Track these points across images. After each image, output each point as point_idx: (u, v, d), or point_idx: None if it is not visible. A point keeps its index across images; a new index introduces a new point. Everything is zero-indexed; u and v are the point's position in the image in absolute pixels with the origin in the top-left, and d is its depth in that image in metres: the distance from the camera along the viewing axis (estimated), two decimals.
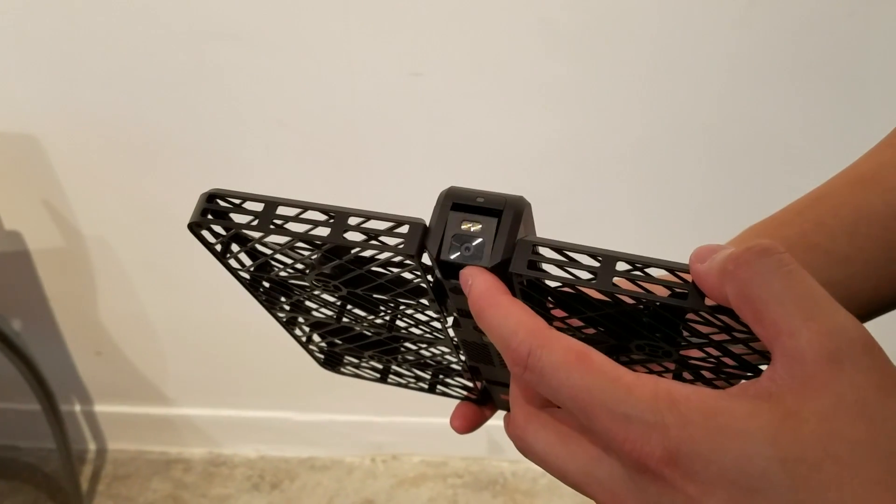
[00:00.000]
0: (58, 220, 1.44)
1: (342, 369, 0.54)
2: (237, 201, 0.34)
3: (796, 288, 0.27)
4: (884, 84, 1.18)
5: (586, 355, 0.28)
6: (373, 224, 0.33)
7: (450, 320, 0.40)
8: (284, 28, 1.20)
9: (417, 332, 0.43)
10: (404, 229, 0.32)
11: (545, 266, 0.32)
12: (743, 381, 0.34)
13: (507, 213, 0.32)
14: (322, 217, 0.33)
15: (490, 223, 0.32)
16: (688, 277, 0.30)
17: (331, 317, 0.44)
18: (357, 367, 0.53)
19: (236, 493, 1.69)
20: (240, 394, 1.70)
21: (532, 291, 0.33)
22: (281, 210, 0.34)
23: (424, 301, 0.38)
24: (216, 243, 0.37)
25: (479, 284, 0.31)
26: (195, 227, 0.35)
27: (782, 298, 0.26)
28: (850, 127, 1.21)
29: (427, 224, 0.33)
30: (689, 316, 0.32)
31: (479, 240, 0.32)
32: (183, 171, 1.35)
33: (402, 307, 0.40)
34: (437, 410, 1.64)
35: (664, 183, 1.31)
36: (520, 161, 1.30)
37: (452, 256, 0.32)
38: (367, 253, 0.35)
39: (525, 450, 0.32)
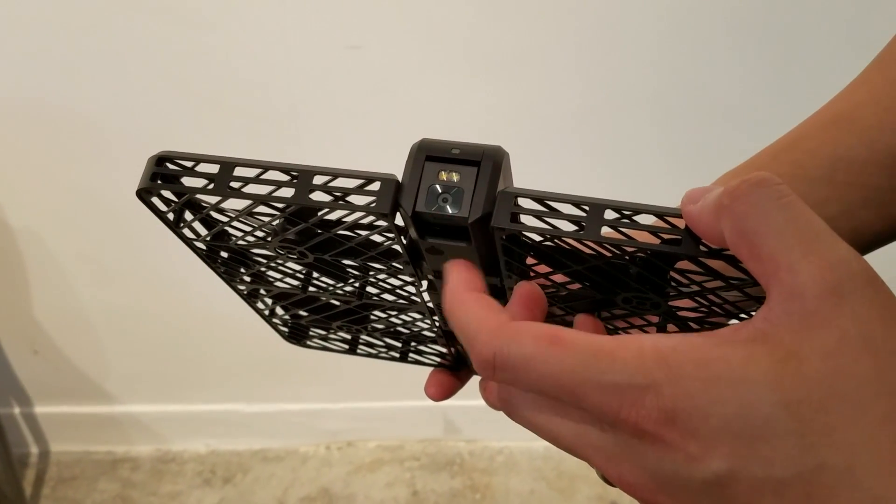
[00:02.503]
0: None
1: (308, 342, 0.51)
2: (189, 164, 0.32)
3: (796, 220, 0.25)
4: (821, 41, 1.18)
5: (558, 336, 0.26)
6: (340, 182, 0.31)
7: (424, 284, 0.37)
8: (216, 3, 1.16)
9: (390, 298, 0.40)
10: (375, 186, 0.30)
11: (529, 219, 0.30)
12: (732, 324, 0.32)
13: (486, 162, 0.30)
14: (284, 178, 0.31)
15: (469, 174, 0.30)
16: (679, 223, 0.28)
17: (296, 287, 0.42)
18: (324, 339, 0.50)
19: (187, 489, 1.65)
20: (186, 388, 1.66)
21: (514, 246, 0.31)
22: (239, 171, 0.31)
23: (398, 265, 0.35)
24: (168, 211, 0.34)
25: (450, 280, 0.30)
26: (144, 194, 0.33)
27: (781, 231, 0.25)
28: (790, 85, 1.21)
29: (399, 180, 0.30)
30: (679, 265, 0.31)
31: (458, 191, 0.30)
32: (113, 155, 1.30)
33: (373, 272, 0.38)
34: (391, 394, 1.62)
35: (612, 150, 1.31)
36: (465, 133, 1.28)
37: (429, 209, 0.30)
38: (335, 215, 0.33)
39: (512, 414, 0.30)
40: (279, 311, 0.48)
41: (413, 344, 0.49)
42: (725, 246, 0.27)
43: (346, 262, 0.37)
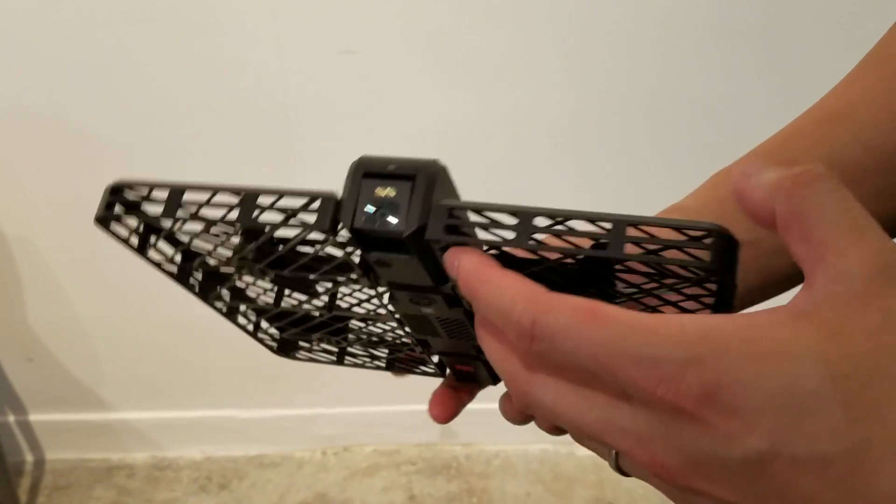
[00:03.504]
0: None
1: (297, 354, 0.51)
2: (143, 192, 0.33)
3: (850, 211, 0.26)
4: (812, 43, 1.18)
5: (597, 309, 0.26)
6: (285, 202, 0.31)
7: (386, 297, 0.38)
8: (207, 8, 1.15)
9: (360, 310, 0.41)
10: (316, 205, 0.31)
11: (470, 232, 0.30)
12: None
13: (421, 177, 0.30)
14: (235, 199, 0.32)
15: (404, 189, 0.30)
16: (606, 226, 0.28)
17: (268, 303, 0.42)
18: (310, 350, 0.50)
19: (183, 496, 1.64)
20: (181, 394, 1.66)
21: None
22: (191, 195, 0.32)
23: (354, 276, 0.36)
24: (129, 237, 0.35)
25: (466, 263, 0.30)
26: (102, 223, 0.34)
27: (836, 219, 0.26)
28: (781, 88, 1.21)
29: (340, 197, 0.31)
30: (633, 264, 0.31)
31: (394, 206, 0.30)
32: (106, 164, 1.30)
33: (336, 285, 0.38)
34: (388, 399, 1.62)
35: (603, 154, 1.30)
36: (458, 139, 1.28)
37: (367, 226, 0.30)
38: (287, 232, 0.33)
39: (531, 403, 0.29)
40: (264, 324, 0.48)
41: (398, 353, 0.49)
42: (772, 222, 0.27)
43: (308, 276, 0.38)
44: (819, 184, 0.26)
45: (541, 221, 0.29)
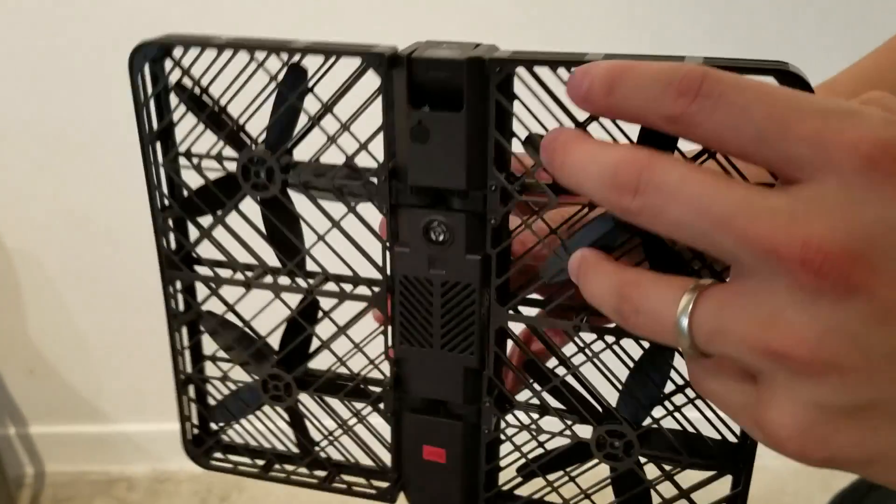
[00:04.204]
0: None
1: (213, 457, 0.45)
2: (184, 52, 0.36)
3: None
4: (810, 44, 1.19)
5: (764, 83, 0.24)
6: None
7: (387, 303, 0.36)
8: (209, 19, 1.16)
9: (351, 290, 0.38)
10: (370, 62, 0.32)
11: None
12: None
13: (486, 45, 0.31)
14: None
15: (467, 47, 0.31)
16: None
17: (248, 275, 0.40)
18: (232, 453, 0.45)
19: None
20: None
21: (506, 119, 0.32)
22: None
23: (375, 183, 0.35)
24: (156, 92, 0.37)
25: (603, 64, 0.26)
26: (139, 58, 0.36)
27: None
28: None
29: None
30: None
31: (454, 59, 0.30)
32: (105, 175, 1.30)
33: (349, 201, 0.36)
34: None
35: None
36: None
37: (424, 54, 0.30)
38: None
39: (646, 186, 0.24)
40: (194, 406, 0.43)
41: (339, 474, 0.44)
42: None
43: (319, 194, 0.36)
44: None
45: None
